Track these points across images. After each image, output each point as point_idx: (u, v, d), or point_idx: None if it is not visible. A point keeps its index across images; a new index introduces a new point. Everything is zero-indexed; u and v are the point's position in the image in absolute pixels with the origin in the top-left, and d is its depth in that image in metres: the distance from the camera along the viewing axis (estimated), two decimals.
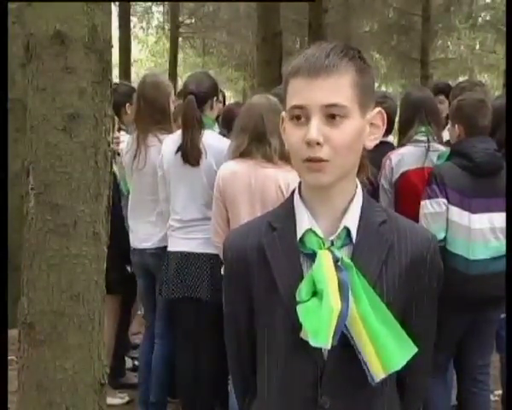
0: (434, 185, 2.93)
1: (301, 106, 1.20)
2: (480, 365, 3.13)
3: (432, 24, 14.60)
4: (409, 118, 3.43)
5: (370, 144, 1.28)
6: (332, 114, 1.19)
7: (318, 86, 1.19)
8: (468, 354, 3.15)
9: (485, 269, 2.90)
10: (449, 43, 18.68)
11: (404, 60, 17.00)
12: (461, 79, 18.30)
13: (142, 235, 3.54)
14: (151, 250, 3.49)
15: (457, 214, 2.91)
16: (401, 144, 3.46)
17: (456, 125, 3.07)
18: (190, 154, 3.21)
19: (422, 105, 3.35)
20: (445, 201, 2.91)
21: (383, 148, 3.34)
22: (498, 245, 2.93)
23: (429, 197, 2.94)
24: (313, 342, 1.19)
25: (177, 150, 3.25)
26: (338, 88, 1.19)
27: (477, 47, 18.57)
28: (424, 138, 3.29)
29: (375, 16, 16.71)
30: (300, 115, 1.21)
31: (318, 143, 1.18)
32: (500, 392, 3.66)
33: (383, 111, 1.29)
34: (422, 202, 2.96)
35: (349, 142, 1.21)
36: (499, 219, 2.93)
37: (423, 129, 3.32)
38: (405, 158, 3.29)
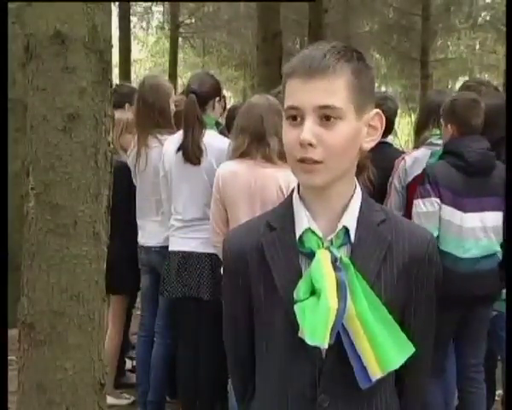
0: (427, 184, 2.95)
1: (296, 106, 1.21)
2: (473, 363, 3.14)
3: (432, 24, 14.58)
4: (423, 120, 3.45)
5: (367, 146, 1.27)
6: (326, 116, 1.19)
7: (313, 87, 1.19)
8: (460, 354, 3.15)
9: (474, 267, 2.92)
10: (449, 43, 18.67)
11: (404, 60, 16.99)
12: (461, 78, 18.31)
13: (148, 233, 3.57)
14: (156, 248, 3.53)
15: (450, 213, 2.93)
16: (415, 146, 3.47)
17: (449, 125, 3.09)
18: (191, 152, 3.22)
19: (437, 108, 3.36)
20: (437, 200, 2.93)
21: (382, 148, 3.35)
22: (489, 244, 2.96)
23: (422, 196, 2.96)
24: (310, 341, 1.19)
25: (178, 149, 3.26)
26: (333, 89, 1.19)
27: (477, 47, 18.55)
28: (439, 142, 3.30)
29: (375, 16, 16.69)
30: (296, 116, 1.21)
31: (311, 145, 1.18)
32: (500, 392, 3.66)
33: (381, 113, 1.28)
34: (415, 201, 2.98)
35: (343, 144, 1.20)
36: (491, 218, 2.96)
37: (438, 132, 3.34)
38: (419, 161, 3.31)
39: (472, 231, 2.93)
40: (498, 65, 16.63)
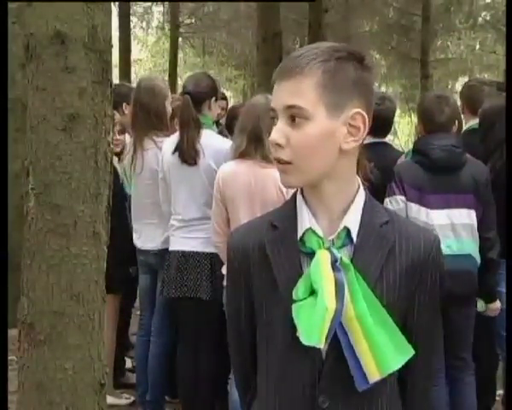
0: (393, 184, 3.00)
1: (272, 108, 1.25)
2: (455, 365, 3.09)
3: (432, 24, 14.56)
4: None
5: (347, 147, 1.23)
6: (293, 116, 1.21)
7: (281, 88, 1.22)
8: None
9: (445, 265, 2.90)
10: (449, 43, 18.66)
11: (404, 60, 16.99)
12: (461, 79, 18.31)
13: (145, 236, 3.57)
14: (154, 251, 3.52)
15: (416, 211, 2.95)
16: None
17: (418, 123, 3.15)
18: (187, 153, 3.22)
19: None
20: (402, 198, 2.97)
21: (382, 148, 3.37)
22: (459, 244, 2.95)
23: (388, 195, 3.01)
24: (305, 342, 1.19)
25: (175, 150, 3.26)
26: (298, 90, 1.20)
27: (477, 47, 18.54)
28: None
29: (375, 16, 16.70)
30: (274, 117, 1.25)
31: (279, 145, 1.21)
32: (501, 392, 3.66)
33: (362, 112, 1.22)
34: (384, 201, 3.01)
35: (310, 144, 1.20)
36: (458, 215, 2.96)
37: None
38: None
39: (440, 229, 2.91)
40: (498, 65, 16.62)
